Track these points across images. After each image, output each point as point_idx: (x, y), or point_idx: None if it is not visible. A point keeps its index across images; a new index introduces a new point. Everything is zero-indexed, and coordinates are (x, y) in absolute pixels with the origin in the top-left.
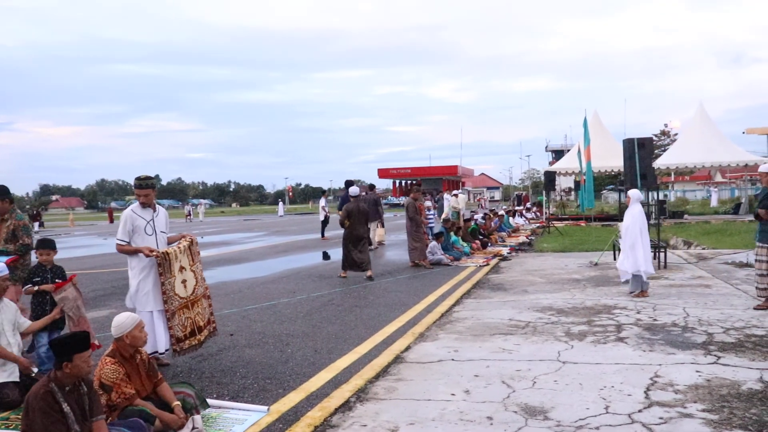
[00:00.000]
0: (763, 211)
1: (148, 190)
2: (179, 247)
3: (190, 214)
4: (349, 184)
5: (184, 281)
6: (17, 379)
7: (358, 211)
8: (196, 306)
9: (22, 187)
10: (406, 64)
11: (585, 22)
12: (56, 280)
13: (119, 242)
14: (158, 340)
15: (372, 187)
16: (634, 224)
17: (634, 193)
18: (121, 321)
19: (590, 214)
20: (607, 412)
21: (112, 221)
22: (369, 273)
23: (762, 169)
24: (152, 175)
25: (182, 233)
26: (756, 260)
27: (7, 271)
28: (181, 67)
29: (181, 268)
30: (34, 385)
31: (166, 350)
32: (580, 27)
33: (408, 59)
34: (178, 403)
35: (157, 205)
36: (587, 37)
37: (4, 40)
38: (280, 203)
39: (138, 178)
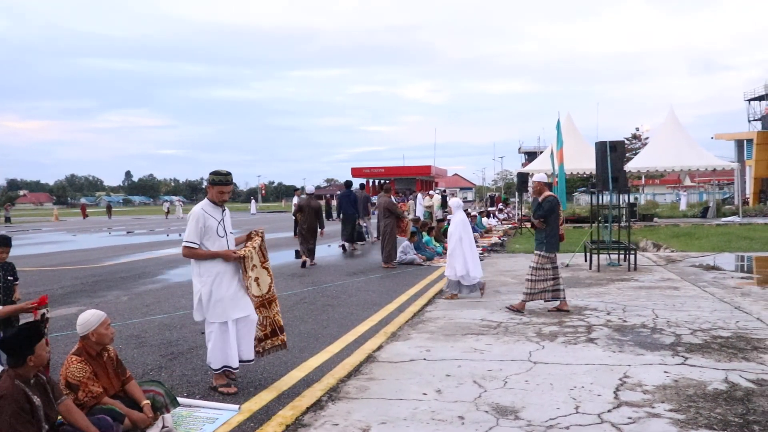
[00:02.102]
0: (538, 221)
1: (228, 186)
2: (254, 246)
3: (168, 211)
4: (348, 184)
5: (257, 279)
6: None
7: (309, 206)
8: (273, 305)
9: None
10: (380, 64)
11: (558, 26)
12: (8, 278)
13: (189, 245)
14: (230, 353)
15: (361, 186)
16: (453, 232)
17: (454, 202)
18: (87, 318)
19: (562, 216)
20: (577, 412)
21: (85, 217)
22: (306, 260)
23: (536, 178)
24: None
25: (251, 230)
26: (530, 266)
27: None
28: (152, 63)
29: (254, 267)
30: None
31: (249, 361)
32: (554, 31)
33: (383, 59)
34: (148, 402)
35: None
36: (560, 41)
37: None
38: (253, 201)
39: (218, 173)
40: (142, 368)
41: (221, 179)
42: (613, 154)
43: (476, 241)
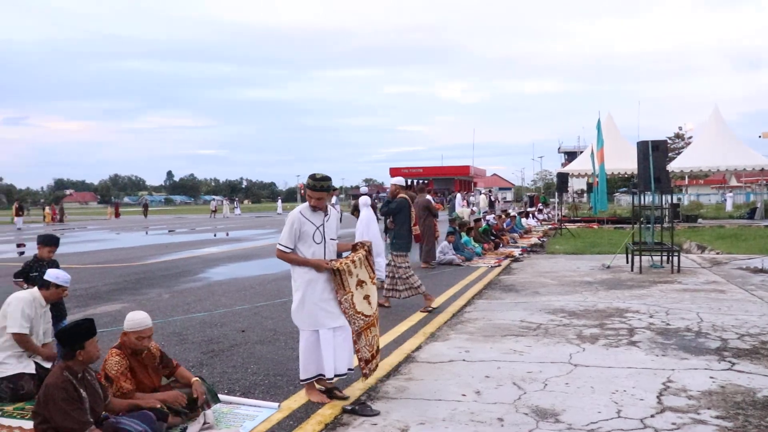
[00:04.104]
0: (390, 221)
1: (323, 193)
2: (354, 260)
3: (215, 210)
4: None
5: (367, 297)
6: (33, 371)
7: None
8: (378, 322)
9: (37, 181)
10: (415, 64)
11: (595, 24)
12: None
13: (282, 249)
14: (325, 364)
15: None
16: (356, 230)
17: (362, 200)
18: (135, 318)
19: (603, 217)
20: (619, 417)
21: (118, 216)
22: None
23: (393, 182)
24: (329, 176)
25: (357, 241)
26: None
27: (69, 282)
28: (190, 64)
29: (361, 282)
30: (48, 376)
31: (343, 374)
32: (591, 29)
33: (417, 59)
34: (197, 379)
35: (329, 207)
36: (598, 39)
37: (18, 36)
38: (279, 200)
39: (314, 178)
40: (183, 365)
41: (312, 184)
42: (655, 154)
43: (515, 242)
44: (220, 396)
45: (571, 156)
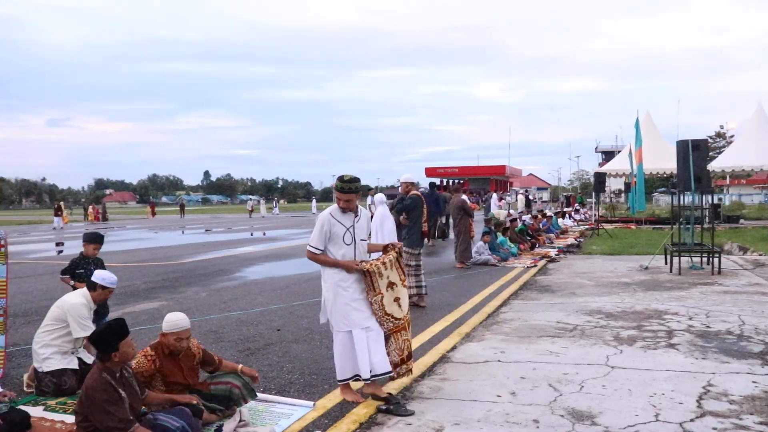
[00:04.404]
0: (404, 218)
1: (350, 195)
2: (384, 261)
3: (252, 209)
4: (432, 186)
5: (397, 299)
6: (76, 367)
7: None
8: (409, 326)
9: (78, 181)
10: (450, 64)
11: (633, 21)
12: None
13: (312, 250)
14: (360, 364)
15: (434, 186)
16: (371, 228)
17: (377, 197)
18: (173, 320)
19: (641, 217)
20: (658, 420)
21: (154, 215)
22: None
23: (403, 179)
24: (357, 177)
25: (388, 243)
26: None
27: (115, 284)
28: (225, 65)
29: (391, 285)
30: (87, 377)
31: (383, 374)
32: (629, 26)
33: (452, 59)
34: (241, 366)
35: (359, 208)
36: (636, 36)
37: (61, 40)
38: (314, 200)
39: (341, 180)
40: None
41: (340, 186)
42: (695, 153)
43: (551, 242)
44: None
45: (608, 155)
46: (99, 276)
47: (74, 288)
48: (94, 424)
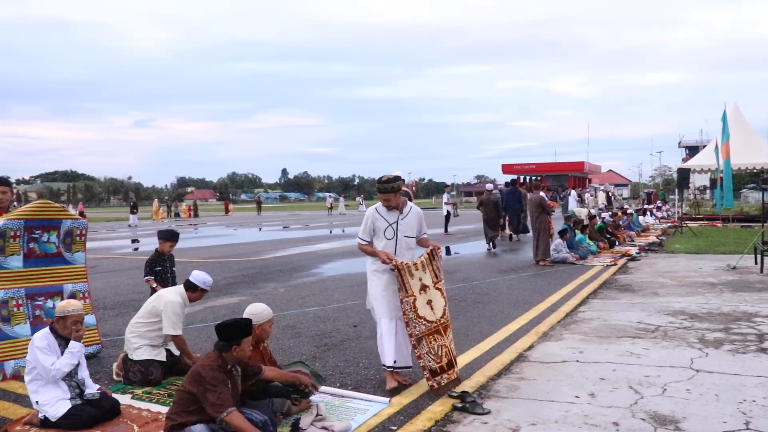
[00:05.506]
0: None
1: (389, 195)
2: (416, 262)
3: (331, 206)
4: (507, 183)
5: (429, 302)
6: (163, 359)
7: (489, 201)
8: (448, 331)
9: (162, 179)
10: (526, 59)
11: (719, 10)
12: (173, 268)
13: (360, 241)
14: (386, 351)
15: (514, 182)
16: None
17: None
18: (258, 311)
19: (728, 215)
20: (748, 428)
21: (228, 212)
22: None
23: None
24: (397, 175)
25: (430, 243)
26: None
27: (210, 286)
28: (301, 64)
29: (424, 287)
30: (202, 359)
31: (406, 367)
32: (714, 15)
33: (529, 54)
34: (298, 368)
35: (410, 205)
36: (722, 25)
37: (146, 44)
38: (361, 198)
39: (379, 181)
40: (298, 358)
41: (378, 187)
42: None
43: (632, 240)
44: (332, 389)
45: (692, 150)
46: (200, 279)
47: (153, 291)
48: (195, 395)
